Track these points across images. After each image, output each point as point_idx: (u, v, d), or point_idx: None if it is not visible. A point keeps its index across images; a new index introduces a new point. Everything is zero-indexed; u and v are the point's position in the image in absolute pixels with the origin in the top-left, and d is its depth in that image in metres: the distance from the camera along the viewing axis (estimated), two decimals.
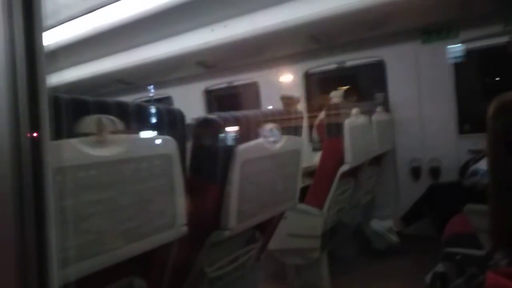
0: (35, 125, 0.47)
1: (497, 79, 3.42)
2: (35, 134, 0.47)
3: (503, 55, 2.96)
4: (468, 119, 3.19)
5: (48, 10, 0.53)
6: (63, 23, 3.26)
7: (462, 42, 3.05)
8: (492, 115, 1.03)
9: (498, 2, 2.63)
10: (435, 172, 3.22)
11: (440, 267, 1.54)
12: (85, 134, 0.87)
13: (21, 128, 0.46)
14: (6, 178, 0.45)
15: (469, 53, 3.10)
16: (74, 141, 0.84)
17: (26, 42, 0.46)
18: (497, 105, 1.03)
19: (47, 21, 0.51)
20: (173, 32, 3.47)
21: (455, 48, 3.08)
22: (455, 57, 3.09)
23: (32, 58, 0.47)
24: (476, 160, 2.60)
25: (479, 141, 2.76)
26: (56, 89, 0.77)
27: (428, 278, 1.56)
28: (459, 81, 3.13)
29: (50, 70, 0.52)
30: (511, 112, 1.04)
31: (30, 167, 0.46)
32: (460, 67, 3.12)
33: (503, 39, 2.85)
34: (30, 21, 0.47)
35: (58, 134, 0.75)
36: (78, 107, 0.89)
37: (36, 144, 0.47)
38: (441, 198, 2.79)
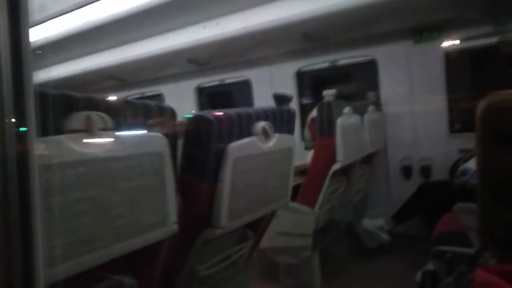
0: (21, 121, 0.46)
1: (488, 79, 3.45)
2: (21, 130, 0.46)
3: (493, 55, 2.99)
4: (459, 118, 3.22)
5: (35, 5, 0.52)
6: (51, 18, 3.22)
7: (453, 42, 3.07)
8: (481, 115, 1.04)
9: (489, 2, 2.65)
10: (425, 171, 3.25)
11: (430, 265, 1.55)
12: (74, 131, 0.86)
13: (7, 124, 0.45)
14: None
15: (460, 53, 3.12)
16: (62, 138, 0.83)
17: (11, 38, 0.45)
18: (485, 105, 1.04)
19: (34, 16, 0.50)
20: (164, 29, 3.44)
21: (446, 48, 3.10)
22: (446, 57, 3.12)
23: (18, 53, 0.46)
24: (466, 160, 2.62)
25: (469, 140, 2.78)
26: (45, 85, 0.76)
27: (418, 276, 1.57)
28: (450, 80, 3.16)
29: (38, 66, 0.51)
30: (499, 112, 1.05)
31: (16, 163, 0.45)
32: (451, 67, 3.15)
33: (494, 39, 2.88)
34: (16, 16, 0.46)
35: (45, 130, 0.74)
36: (67, 103, 0.88)
37: (22, 141, 0.47)
38: (432, 197, 2.81)
